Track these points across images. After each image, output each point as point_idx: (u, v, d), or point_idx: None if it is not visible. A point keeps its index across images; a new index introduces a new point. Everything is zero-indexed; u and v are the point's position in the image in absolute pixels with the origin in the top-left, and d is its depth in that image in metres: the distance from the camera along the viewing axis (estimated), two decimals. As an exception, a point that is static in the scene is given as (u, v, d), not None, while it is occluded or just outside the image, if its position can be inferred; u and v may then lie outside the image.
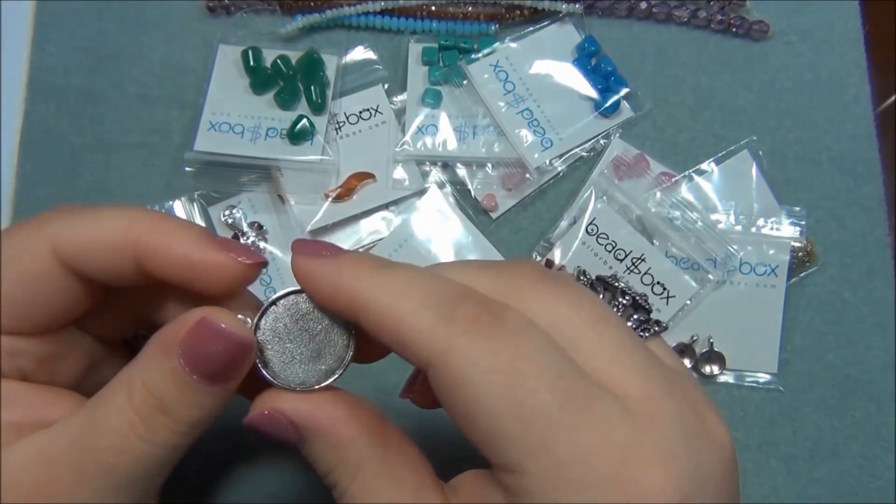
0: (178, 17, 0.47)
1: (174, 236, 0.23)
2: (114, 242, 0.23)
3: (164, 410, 0.22)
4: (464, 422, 0.20)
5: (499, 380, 0.19)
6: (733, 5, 0.48)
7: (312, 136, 0.43)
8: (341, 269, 0.22)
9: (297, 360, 0.24)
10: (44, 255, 0.23)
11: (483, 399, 0.19)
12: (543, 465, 0.19)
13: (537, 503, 0.19)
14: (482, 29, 0.47)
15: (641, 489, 0.18)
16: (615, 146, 0.45)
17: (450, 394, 0.20)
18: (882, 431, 0.41)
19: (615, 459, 0.19)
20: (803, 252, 0.43)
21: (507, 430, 0.19)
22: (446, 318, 0.20)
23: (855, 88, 0.47)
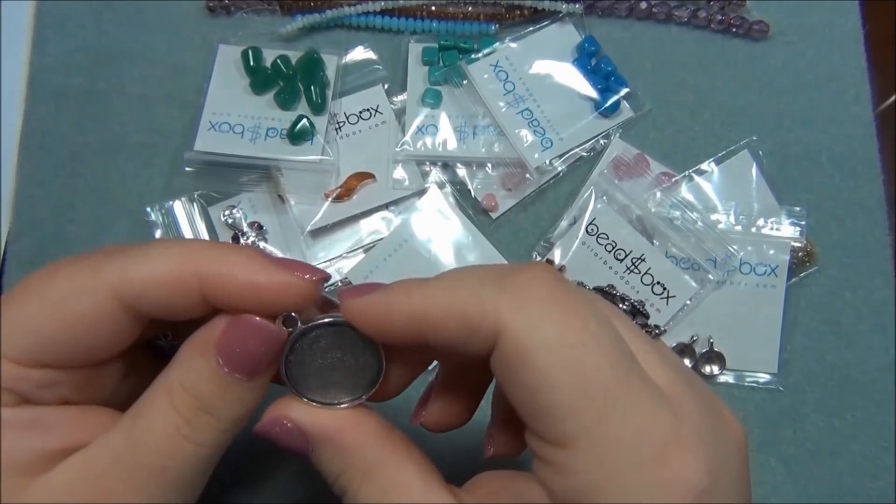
0: (178, 17, 0.47)
1: (234, 264, 0.23)
2: (175, 280, 0.22)
3: (207, 410, 0.22)
4: (523, 393, 0.20)
5: (567, 354, 0.20)
6: (733, 5, 0.48)
7: (312, 136, 0.43)
8: (392, 293, 0.22)
9: (316, 378, 0.24)
10: (103, 297, 0.22)
11: (549, 370, 0.20)
12: (596, 442, 0.19)
13: (581, 480, 0.20)
14: (482, 29, 0.47)
15: (679, 472, 0.19)
16: (615, 146, 0.45)
17: (515, 365, 0.20)
18: (882, 431, 0.41)
19: (660, 442, 0.20)
20: (803, 252, 0.43)
21: (568, 404, 0.20)
22: (510, 288, 0.21)
23: (855, 88, 0.47)
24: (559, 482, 0.20)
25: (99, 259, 0.23)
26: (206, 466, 0.24)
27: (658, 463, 0.19)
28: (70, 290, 0.22)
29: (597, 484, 0.19)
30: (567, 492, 0.20)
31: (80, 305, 0.22)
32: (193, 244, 0.23)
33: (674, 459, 0.19)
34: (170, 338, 0.28)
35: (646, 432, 0.20)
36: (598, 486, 0.19)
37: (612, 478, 0.19)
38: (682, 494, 0.19)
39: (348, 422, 0.24)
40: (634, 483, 0.19)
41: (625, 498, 0.19)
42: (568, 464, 0.20)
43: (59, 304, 0.22)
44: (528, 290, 0.21)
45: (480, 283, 0.21)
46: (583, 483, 0.20)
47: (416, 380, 0.27)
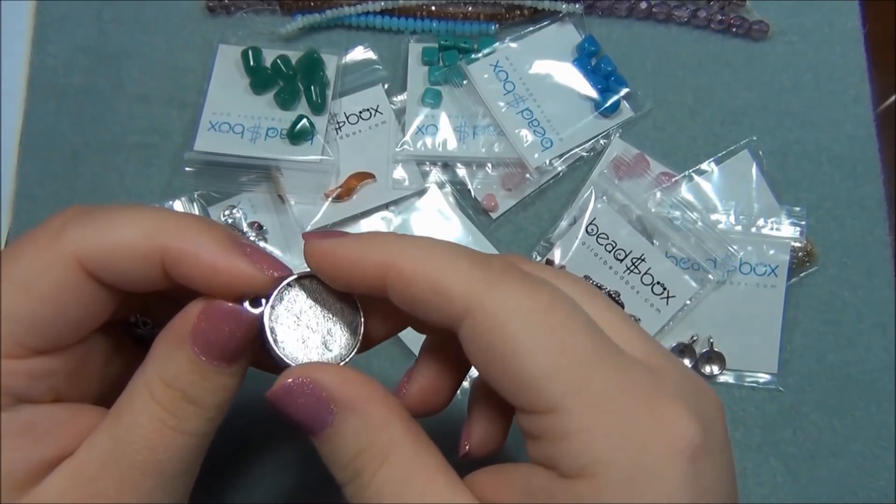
0: (178, 17, 0.47)
1: (200, 242, 0.22)
2: (139, 249, 0.22)
3: (190, 400, 0.22)
4: (501, 365, 0.20)
5: (541, 320, 0.20)
6: (733, 5, 0.48)
7: (312, 136, 0.43)
8: (365, 240, 0.22)
9: (307, 342, 0.24)
10: (66, 268, 0.22)
11: (525, 339, 0.20)
12: (584, 401, 0.19)
13: (578, 441, 0.19)
14: (482, 29, 0.47)
15: (670, 422, 0.19)
16: (615, 146, 0.45)
17: (490, 337, 0.20)
18: (882, 431, 0.41)
19: (645, 396, 0.20)
20: (803, 252, 0.43)
21: (549, 368, 0.20)
22: (482, 266, 0.21)
23: (855, 88, 0.47)
24: (557, 451, 0.20)
25: (62, 225, 0.22)
26: (197, 455, 0.23)
27: (649, 414, 0.19)
28: (36, 266, 0.22)
29: (594, 442, 0.19)
30: (566, 458, 0.20)
31: (49, 281, 0.22)
32: (162, 215, 0.23)
33: (664, 412, 0.20)
34: (149, 325, 0.28)
35: (631, 387, 0.20)
36: (596, 445, 0.19)
37: (607, 434, 0.19)
38: (679, 448, 0.19)
39: (378, 394, 0.22)
40: (631, 435, 0.19)
41: (625, 452, 0.19)
42: (559, 428, 0.20)
43: (27, 283, 0.22)
44: (500, 270, 0.21)
45: (456, 256, 0.21)
46: (579, 445, 0.19)
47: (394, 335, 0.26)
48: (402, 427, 0.22)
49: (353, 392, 0.22)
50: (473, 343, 0.21)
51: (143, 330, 0.28)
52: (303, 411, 0.22)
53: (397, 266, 0.21)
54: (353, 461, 0.22)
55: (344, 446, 0.22)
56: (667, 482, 0.19)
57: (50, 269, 0.22)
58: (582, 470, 0.19)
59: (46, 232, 0.22)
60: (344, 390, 0.22)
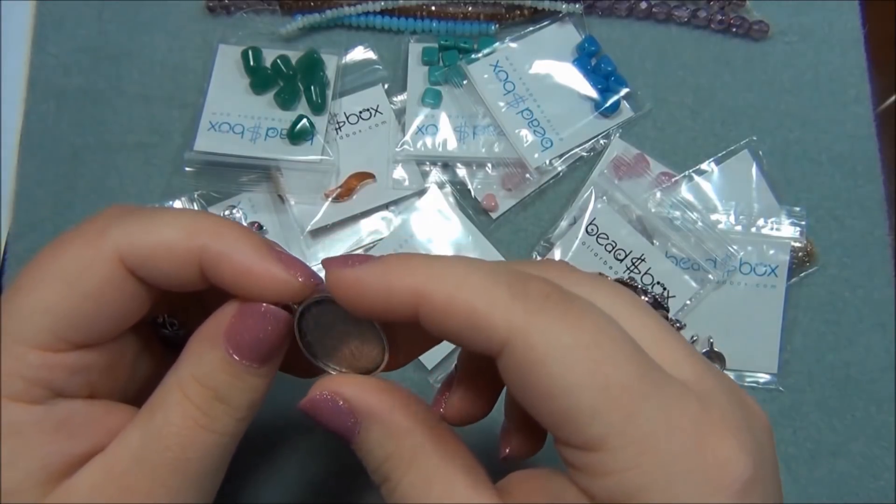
0: (178, 17, 0.47)
1: (237, 245, 0.23)
2: (179, 248, 0.22)
3: (222, 399, 0.23)
4: (542, 401, 0.20)
5: (583, 355, 0.19)
6: (733, 5, 0.48)
7: (312, 136, 0.43)
8: (392, 267, 0.21)
9: (335, 353, 0.24)
10: (110, 265, 0.22)
11: (567, 375, 0.19)
12: (628, 440, 0.19)
13: (620, 479, 0.19)
14: (482, 29, 0.47)
15: (720, 459, 0.19)
16: (615, 146, 0.45)
17: (529, 371, 0.20)
18: (882, 431, 0.41)
19: (693, 432, 0.19)
20: (803, 252, 0.43)
21: (592, 406, 0.19)
22: (521, 295, 0.20)
23: (855, 88, 0.47)
24: (597, 485, 0.19)
25: (105, 224, 0.23)
26: (226, 455, 0.24)
27: (696, 451, 0.19)
28: (80, 262, 0.22)
29: (637, 481, 0.19)
30: (607, 493, 0.19)
31: (92, 277, 0.22)
32: (202, 217, 0.23)
33: (712, 447, 0.19)
34: (175, 326, 0.28)
35: (677, 423, 0.19)
36: (638, 484, 0.19)
37: (651, 473, 0.19)
38: (727, 483, 0.19)
39: (399, 402, 0.23)
40: (677, 474, 0.19)
41: (669, 491, 0.19)
42: (602, 466, 0.19)
43: (71, 279, 0.22)
44: (541, 296, 0.20)
45: (493, 282, 0.20)
46: (622, 482, 0.19)
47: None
48: (425, 433, 0.22)
49: (375, 402, 0.23)
50: (512, 375, 0.20)
51: (169, 331, 0.28)
52: (330, 423, 0.23)
53: (429, 296, 0.20)
54: (380, 467, 0.23)
55: (371, 453, 0.23)
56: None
57: (93, 266, 0.22)
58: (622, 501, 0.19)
59: (90, 230, 0.23)
60: (365, 401, 0.23)
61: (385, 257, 0.22)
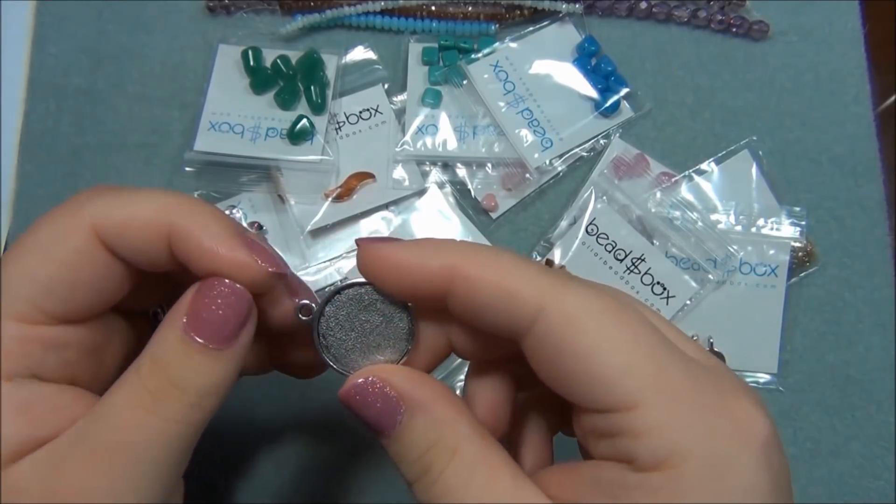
0: (178, 17, 0.47)
1: (206, 227, 0.23)
2: (150, 223, 0.22)
3: (173, 381, 0.22)
4: (576, 364, 0.20)
5: (614, 318, 0.20)
6: (733, 5, 0.48)
7: (312, 136, 0.43)
8: (426, 245, 0.22)
9: (356, 348, 0.24)
10: (85, 235, 0.22)
11: (602, 336, 0.20)
12: (662, 396, 0.20)
13: (660, 435, 0.19)
14: (482, 29, 0.47)
15: (743, 415, 0.20)
16: (615, 146, 0.45)
17: (563, 335, 0.20)
18: (882, 431, 0.41)
19: (715, 390, 0.20)
20: (803, 252, 0.43)
21: (626, 364, 0.20)
22: (548, 272, 0.21)
23: (855, 88, 0.47)
24: (636, 446, 0.20)
25: (84, 198, 0.23)
26: (180, 444, 0.22)
27: (723, 407, 0.20)
28: (56, 231, 0.23)
29: (676, 436, 0.19)
30: (649, 452, 0.20)
31: (67, 245, 0.22)
32: (176, 196, 0.23)
33: (737, 405, 0.20)
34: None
35: (702, 382, 0.20)
36: (678, 439, 0.19)
37: (689, 427, 0.19)
38: (752, 438, 0.20)
39: (443, 393, 0.23)
40: (711, 428, 0.19)
41: (707, 444, 0.19)
42: (640, 424, 0.20)
43: (48, 248, 0.22)
44: (565, 276, 0.22)
45: (523, 261, 0.22)
46: (661, 438, 0.19)
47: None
48: (468, 424, 0.22)
49: (421, 391, 0.23)
50: (545, 345, 0.21)
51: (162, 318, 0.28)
52: (373, 410, 0.22)
53: (464, 271, 0.21)
54: (421, 458, 0.22)
55: (413, 443, 0.22)
56: (745, 471, 0.19)
57: (68, 235, 0.22)
58: (660, 462, 0.19)
59: (68, 204, 0.23)
60: (412, 389, 0.22)
61: (417, 240, 0.23)
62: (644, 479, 0.20)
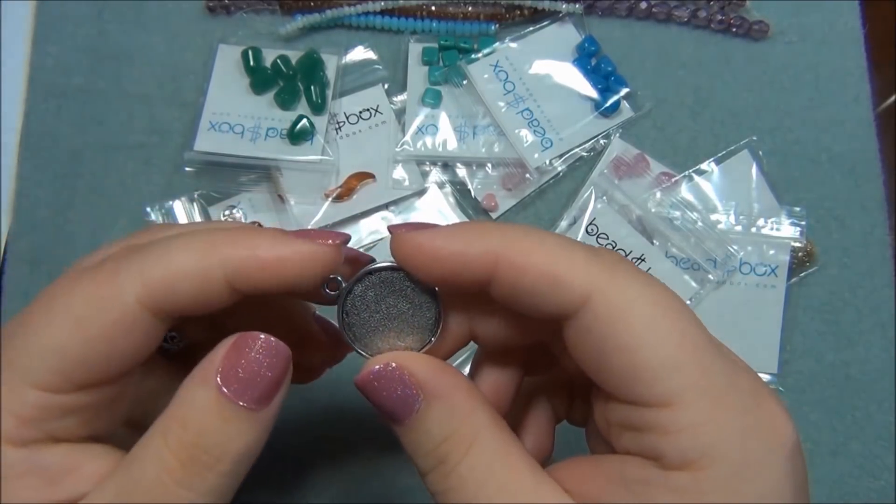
0: (178, 17, 0.47)
1: (257, 245, 0.21)
2: (201, 271, 0.21)
3: (206, 448, 0.20)
4: (620, 356, 0.20)
5: (663, 312, 0.20)
6: (733, 5, 0.48)
7: (312, 136, 0.43)
8: (467, 231, 0.21)
9: (378, 331, 0.24)
10: (125, 307, 0.21)
11: (649, 329, 0.20)
12: (702, 396, 0.19)
13: (691, 435, 0.19)
14: (482, 29, 0.47)
15: (773, 418, 0.20)
16: (615, 146, 0.45)
17: (609, 326, 0.20)
18: (882, 431, 0.41)
19: (751, 392, 0.20)
20: (803, 252, 0.43)
21: (671, 361, 0.19)
22: (596, 257, 0.21)
23: (855, 88, 0.47)
24: (667, 443, 0.19)
25: (117, 264, 0.21)
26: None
27: (757, 409, 0.20)
28: (93, 303, 0.21)
29: (710, 437, 0.19)
30: (679, 451, 0.19)
31: (106, 318, 0.20)
32: (214, 233, 0.22)
33: (768, 408, 0.20)
34: (177, 339, 0.27)
35: (740, 382, 0.20)
36: (712, 439, 0.19)
37: (724, 428, 0.19)
38: (781, 443, 0.19)
39: (462, 383, 0.22)
40: (746, 430, 0.19)
41: (741, 446, 0.19)
42: (676, 422, 0.19)
43: (83, 320, 0.20)
44: (615, 261, 0.21)
45: (570, 245, 0.21)
46: (695, 437, 0.19)
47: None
48: (486, 416, 0.22)
49: (440, 379, 0.22)
50: (589, 333, 0.20)
51: (169, 345, 0.27)
52: (390, 397, 0.22)
53: (509, 257, 0.21)
54: (437, 448, 0.21)
55: (429, 433, 0.21)
56: (771, 476, 0.19)
57: (107, 308, 0.21)
58: (689, 463, 0.19)
59: (105, 267, 0.21)
60: (431, 377, 0.22)
61: (455, 225, 0.22)
62: (669, 478, 0.19)
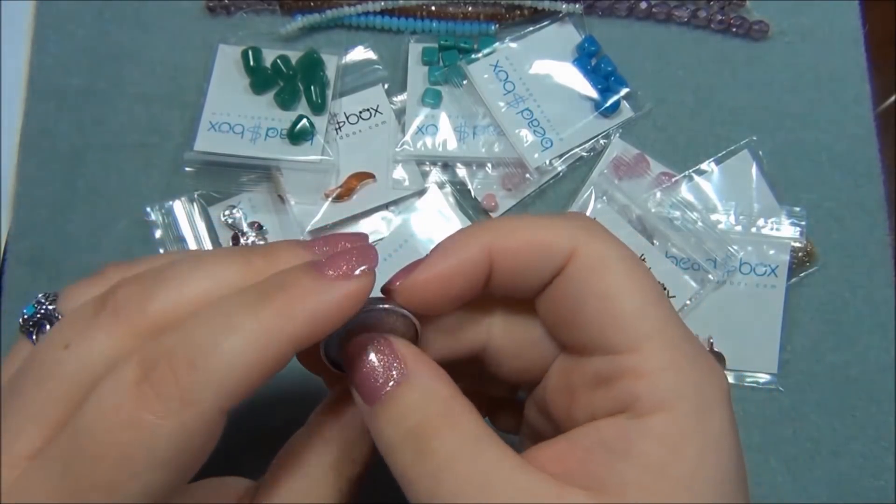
0: (178, 17, 0.47)
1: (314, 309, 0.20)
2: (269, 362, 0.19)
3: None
4: (597, 302, 0.22)
5: (632, 266, 0.22)
6: (733, 5, 0.48)
7: (312, 136, 0.43)
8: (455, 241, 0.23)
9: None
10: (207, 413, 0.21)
11: (623, 280, 0.22)
12: (664, 342, 0.21)
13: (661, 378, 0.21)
14: (482, 29, 0.47)
15: (716, 368, 0.22)
16: (615, 146, 0.45)
17: (591, 276, 0.22)
18: (882, 431, 0.41)
19: (697, 345, 0.22)
20: (803, 252, 0.43)
21: (639, 309, 0.21)
22: (574, 218, 0.23)
23: (855, 88, 0.47)
24: (637, 388, 0.21)
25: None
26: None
27: (704, 360, 0.22)
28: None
29: (673, 380, 0.21)
30: (648, 393, 0.21)
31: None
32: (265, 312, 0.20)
33: (709, 360, 0.22)
34: None
35: (688, 336, 0.22)
36: (675, 382, 0.21)
37: (685, 372, 0.21)
38: (724, 389, 0.22)
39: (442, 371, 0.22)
40: (697, 375, 0.21)
41: (699, 390, 0.21)
42: (642, 366, 0.21)
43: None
44: (590, 222, 0.23)
45: (549, 216, 0.23)
46: (662, 380, 0.21)
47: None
48: (465, 401, 0.22)
49: (422, 360, 0.22)
50: (573, 280, 0.22)
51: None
52: (374, 368, 0.21)
53: (501, 242, 0.23)
54: (419, 425, 0.20)
55: (404, 414, 0.21)
56: (723, 417, 0.21)
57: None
58: (659, 404, 0.20)
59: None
60: (415, 355, 0.22)
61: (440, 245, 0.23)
62: (644, 424, 0.20)
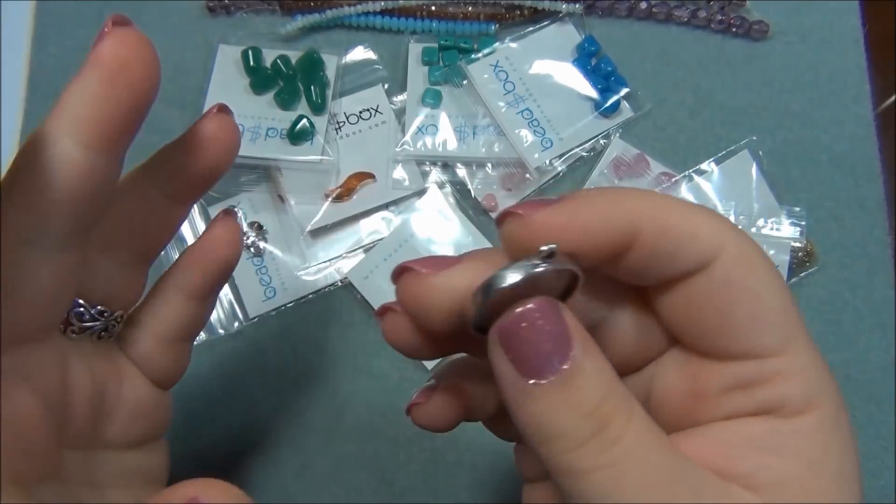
0: (178, 17, 0.47)
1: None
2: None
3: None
4: (747, 304, 0.20)
5: (770, 262, 0.21)
6: (733, 5, 0.48)
7: (312, 136, 0.43)
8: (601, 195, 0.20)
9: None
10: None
11: (767, 278, 0.21)
12: (805, 340, 0.21)
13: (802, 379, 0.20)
14: (482, 29, 0.47)
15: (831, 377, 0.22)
16: (615, 146, 0.45)
17: (738, 275, 0.20)
18: (882, 431, 0.41)
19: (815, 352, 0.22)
20: (803, 252, 0.43)
21: (786, 305, 0.21)
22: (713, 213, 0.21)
23: (855, 88, 0.47)
24: (786, 389, 0.20)
25: None
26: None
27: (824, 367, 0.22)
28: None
29: (815, 376, 0.21)
30: (797, 394, 0.20)
31: None
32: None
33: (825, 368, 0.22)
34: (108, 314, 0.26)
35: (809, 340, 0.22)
36: (817, 378, 0.21)
37: (820, 371, 0.21)
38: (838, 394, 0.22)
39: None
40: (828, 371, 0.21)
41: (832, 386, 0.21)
42: (789, 365, 0.20)
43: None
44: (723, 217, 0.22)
45: (689, 202, 0.21)
46: (808, 379, 0.20)
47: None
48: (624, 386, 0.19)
49: (586, 333, 0.19)
50: (717, 285, 0.20)
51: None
52: (545, 339, 0.18)
53: (652, 217, 0.20)
54: (599, 408, 0.18)
55: (589, 389, 0.18)
56: (847, 412, 0.21)
57: None
58: (808, 403, 0.20)
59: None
60: (580, 326, 0.19)
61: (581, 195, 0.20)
62: (798, 424, 0.20)
